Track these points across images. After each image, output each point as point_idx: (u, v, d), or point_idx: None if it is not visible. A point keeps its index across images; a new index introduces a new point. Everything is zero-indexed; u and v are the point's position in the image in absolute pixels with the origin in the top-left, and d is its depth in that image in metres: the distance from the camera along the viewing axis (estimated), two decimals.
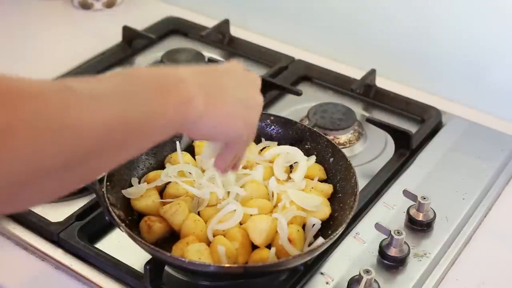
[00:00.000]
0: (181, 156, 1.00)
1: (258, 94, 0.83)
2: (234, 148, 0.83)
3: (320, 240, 0.91)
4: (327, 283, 0.94)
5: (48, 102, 0.57)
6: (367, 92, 1.33)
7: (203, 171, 1.00)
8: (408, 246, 0.98)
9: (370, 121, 1.22)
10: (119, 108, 0.63)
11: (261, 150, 1.05)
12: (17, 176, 0.55)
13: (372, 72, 1.32)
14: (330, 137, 1.07)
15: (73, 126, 0.58)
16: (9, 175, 0.55)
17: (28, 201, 0.61)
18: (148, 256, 0.89)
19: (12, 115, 0.54)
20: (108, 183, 0.92)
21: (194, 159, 1.03)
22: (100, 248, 0.98)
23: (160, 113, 0.67)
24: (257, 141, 1.06)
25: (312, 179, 1.01)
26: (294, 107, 1.29)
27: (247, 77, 0.83)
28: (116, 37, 1.45)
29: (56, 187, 0.61)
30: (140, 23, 1.49)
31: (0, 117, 0.53)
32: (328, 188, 1.00)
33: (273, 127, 1.07)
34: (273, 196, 0.97)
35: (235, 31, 1.49)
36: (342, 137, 1.21)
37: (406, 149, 1.18)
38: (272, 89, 1.30)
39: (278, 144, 1.06)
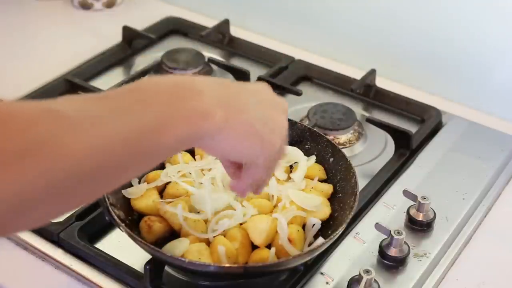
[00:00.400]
0: (181, 156, 1.00)
1: (281, 117, 0.77)
2: (250, 173, 0.77)
3: (320, 240, 0.91)
4: (327, 283, 0.94)
5: (40, 127, 0.56)
6: (367, 92, 1.33)
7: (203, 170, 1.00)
8: (408, 246, 0.97)
9: (370, 121, 1.22)
10: (119, 129, 0.60)
11: None
12: (9, 204, 0.54)
13: (372, 72, 1.32)
14: (330, 137, 1.07)
15: (66, 151, 0.56)
16: (1, 202, 0.53)
17: (20, 227, 0.59)
18: (148, 256, 0.89)
19: (3, 141, 0.53)
20: None
21: (194, 159, 1.03)
22: (100, 248, 0.98)
23: (171, 130, 0.63)
24: None
25: (312, 179, 1.00)
26: (294, 107, 1.29)
27: (272, 99, 0.77)
28: (116, 37, 1.45)
29: (49, 213, 0.59)
30: (140, 23, 1.49)
31: None
32: (328, 188, 1.00)
33: None
34: (273, 196, 0.97)
35: (235, 31, 1.49)
36: (342, 137, 1.21)
37: (406, 149, 1.18)
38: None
39: None
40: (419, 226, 1.02)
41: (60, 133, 0.56)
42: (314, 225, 0.94)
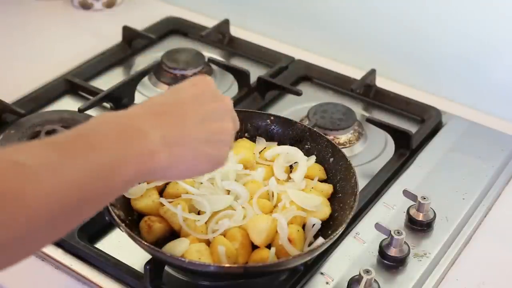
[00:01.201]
0: None
1: (225, 123, 0.79)
2: None
3: (320, 240, 0.91)
4: (327, 283, 0.94)
5: (0, 178, 0.56)
6: (367, 92, 1.33)
7: None
8: (408, 246, 0.98)
9: (370, 121, 1.22)
10: (73, 176, 0.61)
11: (261, 150, 1.05)
12: None
13: (372, 72, 1.32)
14: (330, 137, 1.07)
15: (20, 199, 0.57)
16: None
17: None
18: (148, 256, 0.89)
19: None
20: None
21: None
22: (100, 248, 0.98)
23: (120, 172, 0.66)
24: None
25: (312, 179, 1.00)
26: (294, 107, 1.29)
27: (213, 110, 0.78)
28: (116, 37, 1.45)
29: (8, 260, 0.60)
30: (140, 23, 1.49)
31: None
32: (328, 188, 1.00)
33: (273, 127, 1.07)
34: (273, 196, 0.97)
35: (235, 31, 1.49)
36: (342, 137, 1.21)
37: (406, 149, 1.18)
38: (272, 89, 1.30)
39: (278, 144, 1.06)
40: (419, 226, 1.02)
41: (20, 183, 0.57)
42: (314, 225, 0.94)
